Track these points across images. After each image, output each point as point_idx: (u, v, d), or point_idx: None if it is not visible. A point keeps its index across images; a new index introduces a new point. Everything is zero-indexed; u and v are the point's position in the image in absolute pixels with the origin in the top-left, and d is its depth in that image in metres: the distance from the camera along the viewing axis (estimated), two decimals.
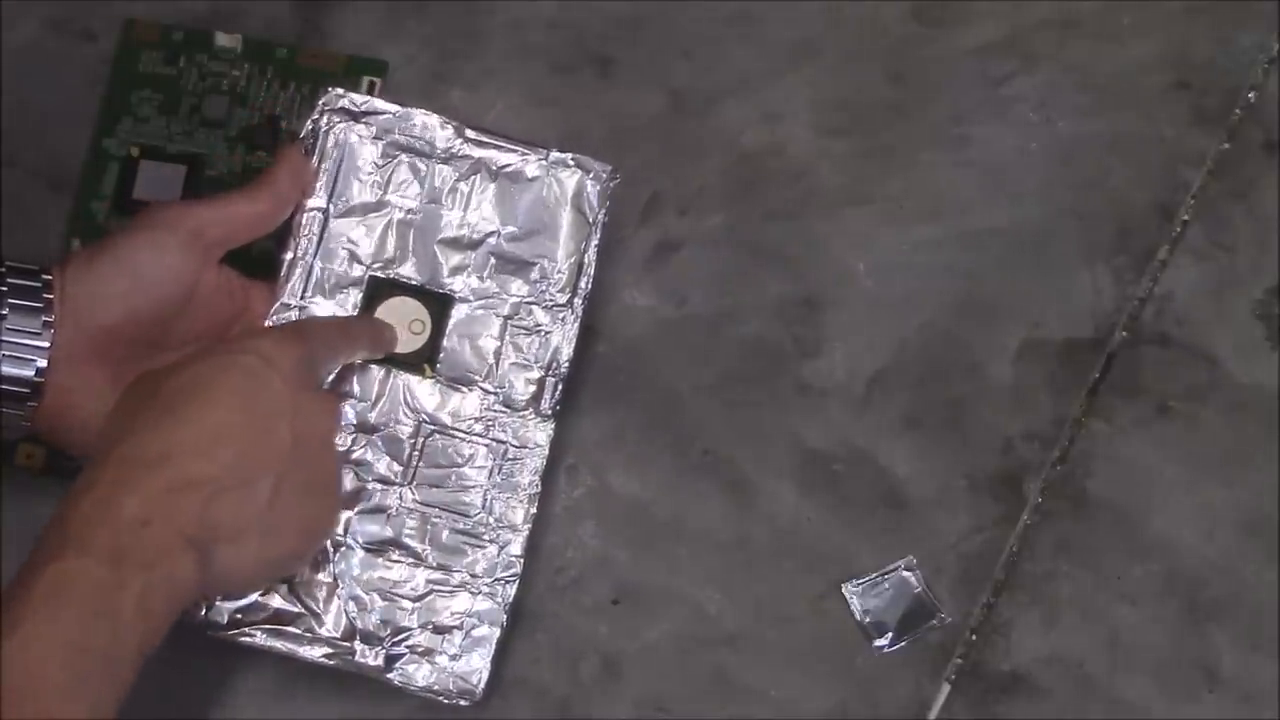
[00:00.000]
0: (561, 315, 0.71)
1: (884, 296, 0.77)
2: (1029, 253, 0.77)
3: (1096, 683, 0.74)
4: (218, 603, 0.68)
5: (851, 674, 0.74)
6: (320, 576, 0.69)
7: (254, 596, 0.68)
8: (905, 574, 0.75)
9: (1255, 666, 0.74)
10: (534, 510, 0.70)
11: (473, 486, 0.70)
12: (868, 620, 0.74)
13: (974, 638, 0.74)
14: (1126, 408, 0.76)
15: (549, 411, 0.71)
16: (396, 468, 0.70)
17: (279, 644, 0.68)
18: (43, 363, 0.64)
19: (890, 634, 0.74)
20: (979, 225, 0.78)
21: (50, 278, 0.64)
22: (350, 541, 0.70)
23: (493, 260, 0.71)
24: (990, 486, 0.75)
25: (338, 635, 0.69)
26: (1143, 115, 0.78)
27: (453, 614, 0.70)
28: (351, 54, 0.79)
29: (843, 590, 0.74)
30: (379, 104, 0.71)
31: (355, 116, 0.71)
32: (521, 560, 0.70)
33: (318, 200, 0.70)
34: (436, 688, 0.69)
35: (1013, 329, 0.77)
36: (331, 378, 0.69)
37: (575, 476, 0.75)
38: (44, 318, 0.64)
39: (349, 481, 0.70)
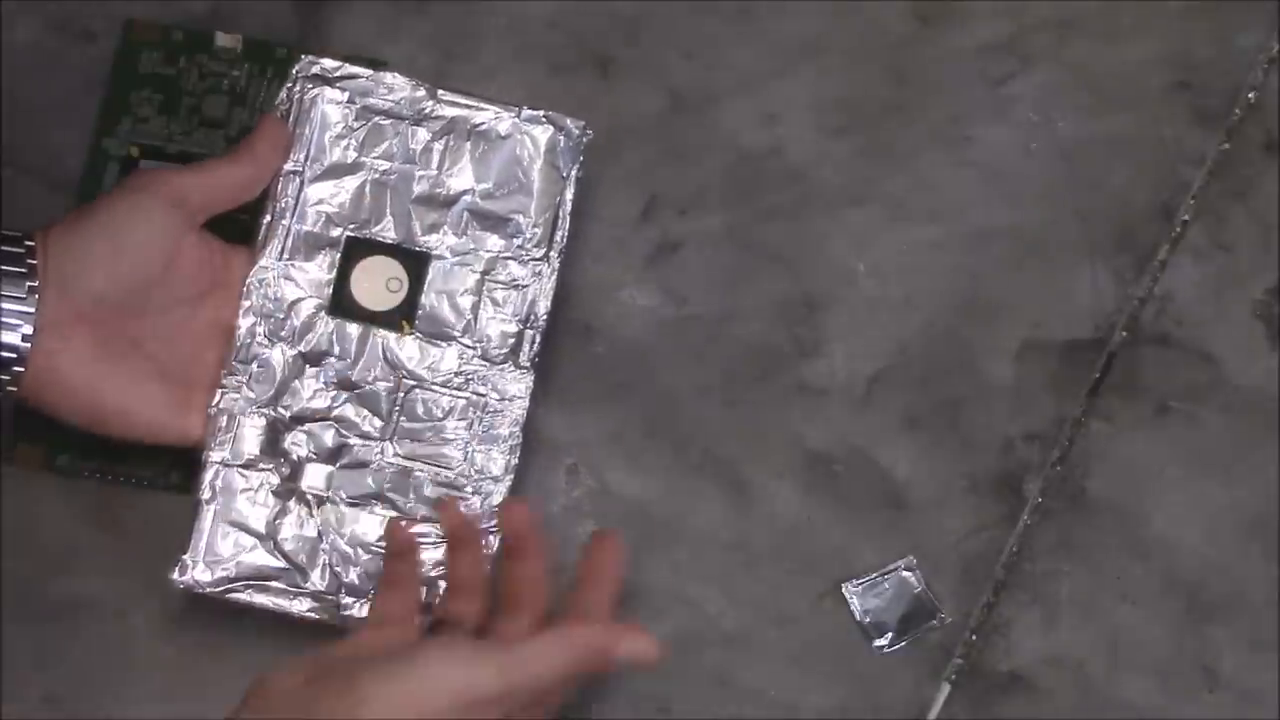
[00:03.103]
0: (538, 269, 0.72)
1: (884, 296, 0.77)
2: (1029, 253, 0.77)
3: (1096, 683, 0.74)
4: (202, 561, 0.69)
5: (851, 674, 0.74)
6: (304, 532, 0.70)
7: (239, 556, 0.69)
8: (905, 574, 0.75)
9: (1255, 666, 0.74)
10: (515, 461, 0.71)
11: (453, 440, 0.71)
12: (868, 620, 0.74)
13: (974, 638, 0.74)
14: (1126, 408, 0.76)
15: (527, 364, 0.71)
16: (377, 423, 0.71)
17: (265, 599, 0.69)
18: (28, 328, 0.64)
19: (890, 634, 0.74)
20: (979, 225, 0.78)
21: (33, 244, 0.65)
22: (334, 497, 0.70)
23: (468, 217, 0.72)
24: (990, 486, 0.75)
25: (323, 589, 0.70)
26: (1143, 115, 0.78)
27: (436, 566, 0.70)
28: (351, 54, 0.79)
29: (843, 590, 0.74)
30: (352, 68, 0.72)
31: (329, 81, 0.72)
32: None
33: (293, 164, 0.71)
34: None
35: (1013, 329, 0.77)
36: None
37: (575, 476, 0.75)
38: (28, 283, 0.64)
39: (330, 438, 0.70)
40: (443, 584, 0.69)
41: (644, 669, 0.66)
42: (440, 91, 0.72)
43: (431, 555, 0.70)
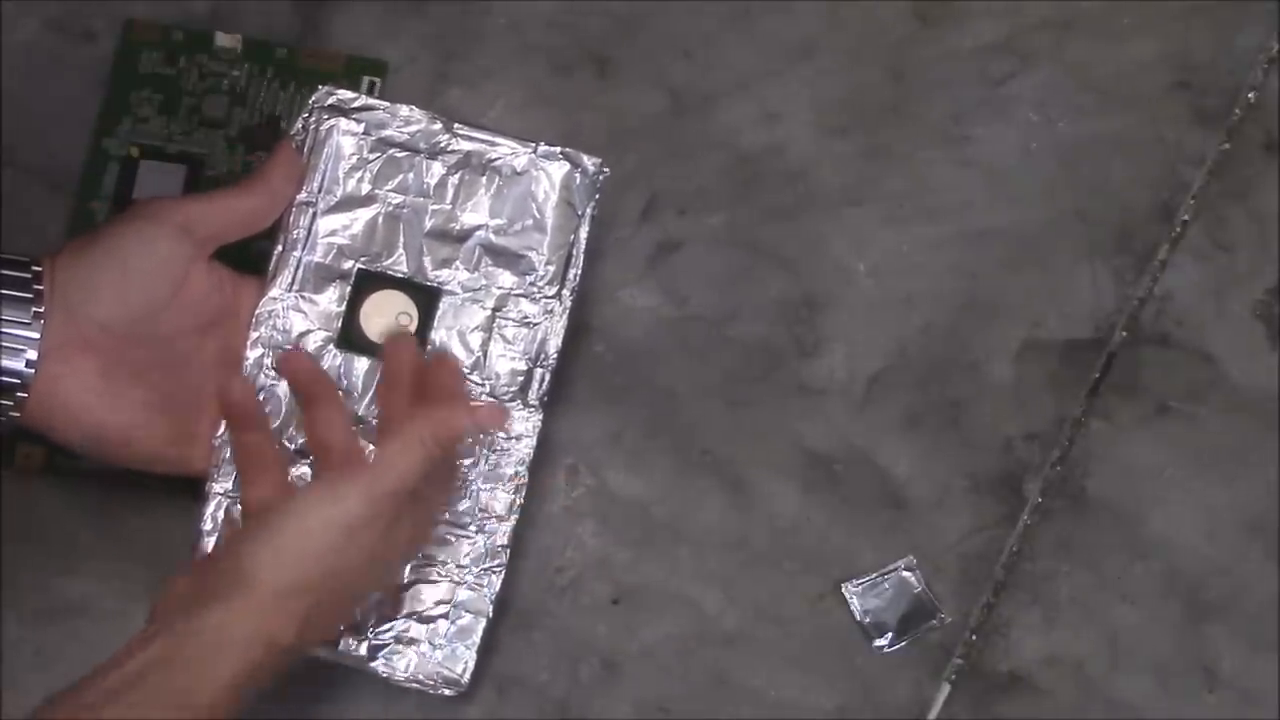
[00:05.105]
0: (550, 307, 0.71)
1: (884, 296, 0.77)
2: (1029, 253, 0.77)
3: (1096, 683, 0.74)
4: None
5: (851, 674, 0.74)
6: None
7: None
8: (905, 574, 0.75)
9: (1255, 666, 0.74)
10: (520, 500, 0.70)
11: None
12: (868, 620, 0.74)
13: (974, 638, 0.74)
14: (1126, 408, 0.76)
15: (536, 403, 0.71)
16: None
17: None
18: (33, 354, 0.64)
19: (890, 634, 0.74)
20: (979, 225, 0.78)
21: (40, 269, 0.65)
22: None
23: (480, 253, 0.71)
24: (990, 486, 0.75)
25: None
26: (1143, 115, 0.78)
27: (438, 604, 0.70)
28: (351, 54, 0.79)
29: (843, 590, 0.74)
30: (368, 100, 0.71)
31: (345, 113, 0.71)
32: (507, 550, 0.70)
33: (306, 194, 0.71)
34: (421, 677, 0.69)
35: (1013, 329, 0.77)
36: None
37: (575, 476, 0.75)
38: (34, 309, 0.64)
39: None
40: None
41: (496, 429, 0.69)
42: (456, 125, 0.71)
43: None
